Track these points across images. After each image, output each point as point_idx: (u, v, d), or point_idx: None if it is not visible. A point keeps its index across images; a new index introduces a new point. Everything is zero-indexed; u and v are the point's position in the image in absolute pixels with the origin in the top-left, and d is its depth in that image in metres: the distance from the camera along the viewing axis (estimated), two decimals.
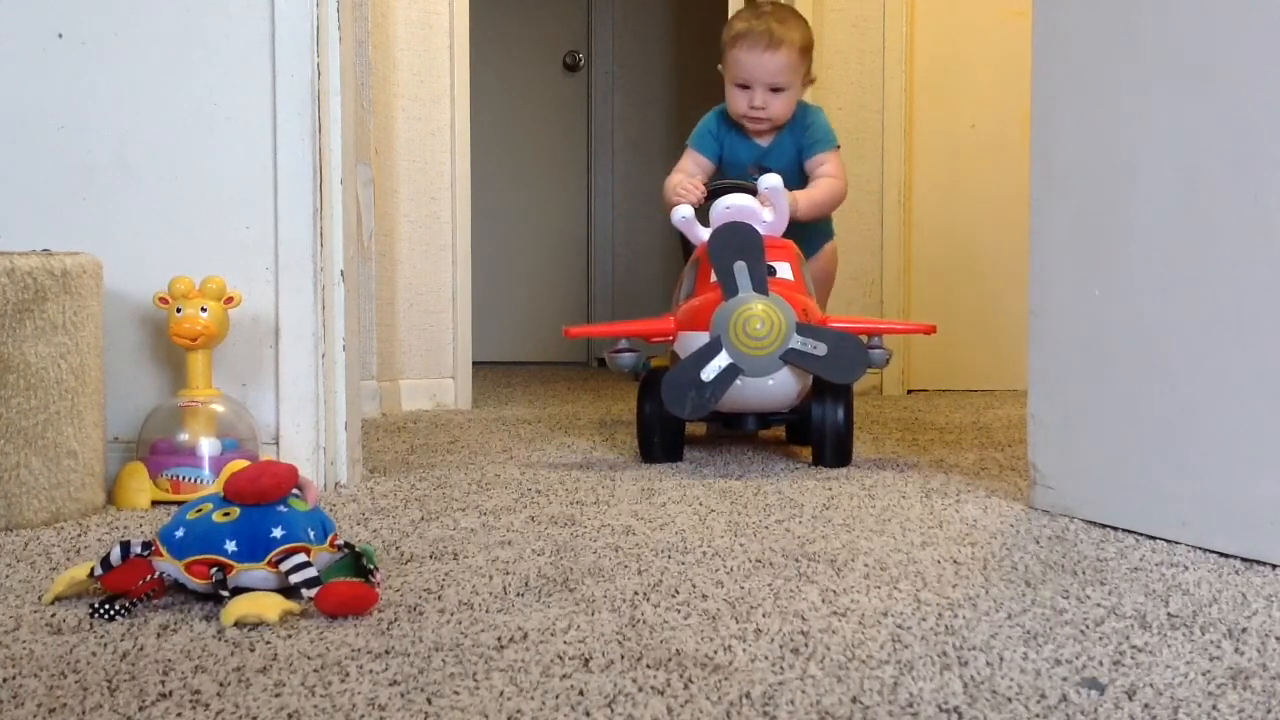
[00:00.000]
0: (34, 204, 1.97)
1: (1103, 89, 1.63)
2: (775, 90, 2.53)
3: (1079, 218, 1.67)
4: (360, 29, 2.98)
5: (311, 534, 1.26)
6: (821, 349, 2.07)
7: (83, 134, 1.97)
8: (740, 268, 2.09)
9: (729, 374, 2.09)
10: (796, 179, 2.54)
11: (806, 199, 2.49)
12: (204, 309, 1.87)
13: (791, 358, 2.09)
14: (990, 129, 3.68)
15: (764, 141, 2.62)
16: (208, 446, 1.87)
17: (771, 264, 2.20)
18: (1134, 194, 1.58)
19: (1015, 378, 2.01)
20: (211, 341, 1.89)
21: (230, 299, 1.90)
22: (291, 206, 1.97)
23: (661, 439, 2.27)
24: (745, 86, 2.55)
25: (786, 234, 2.39)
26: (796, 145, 2.60)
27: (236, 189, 1.98)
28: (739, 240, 2.11)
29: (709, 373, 2.09)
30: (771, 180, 2.25)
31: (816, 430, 2.21)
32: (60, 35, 1.97)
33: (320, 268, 1.98)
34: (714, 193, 2.46)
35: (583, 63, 5.28)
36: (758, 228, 2.17)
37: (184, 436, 1.88)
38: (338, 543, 1.29)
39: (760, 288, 2.10)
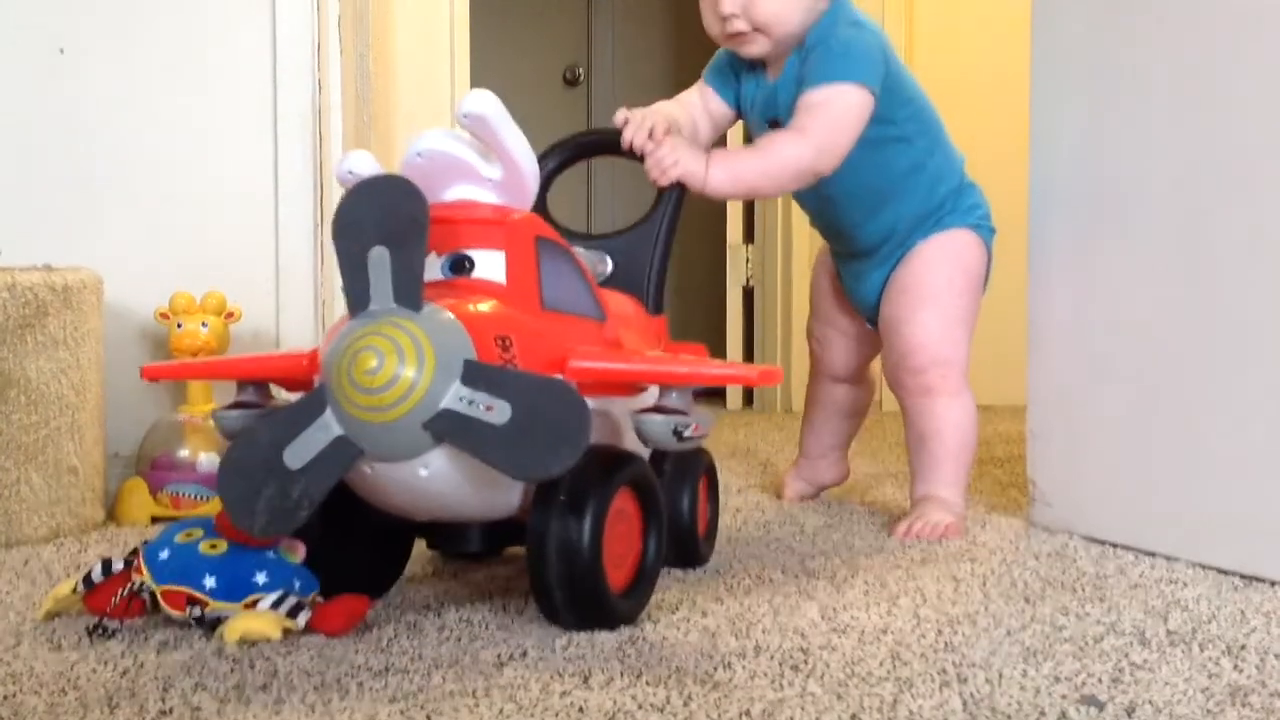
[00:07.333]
0: (35, 219, 1.97)
1: (1103, 95, 1.63)
2: None
3: (1078, 229, 1.68)
4: (361, 44, 2.98)
5: (298, 584, 1.22)
6: (501, 412, 1.09)
7: (83, 149, 1.98)
8: (378, 260, 1.12)
9: (337, 457, 1.12)
10: None
11: (724, 167, 1.54)
12: (205, 324, 1.88)
13: (444, 427, 1.11)
14: (990, 131, 3.68)
15: (771, 75, 1.70)
16: (208, 462, 1.87)
17: (462, 252, 1.23)
18: (1134, 205, 1.58)
19: (1014, 393, 2.00)
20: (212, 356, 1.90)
21: (231, 314, 1.90)
22: (292, 221, 1.97)
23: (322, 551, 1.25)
24: None
25: (867, 227, 1.75)
26: (799, 77, 1.64)
27: (237, 204, 1.98)
28: (378, 210, 1.13)
29: (300, 454, 1.12)
30: (476, 103, 1.20)
31: (532, 558, 1.17)
32: (61, 50, 1.98)
33: (321, 282, 1.98)
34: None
35: (583, 77, 5.29)
36: (474, 189, 1.26)
37: (184, 452, 1.88)
38: (319, 600, 1.25)
39: (407, 296, 1.13)
